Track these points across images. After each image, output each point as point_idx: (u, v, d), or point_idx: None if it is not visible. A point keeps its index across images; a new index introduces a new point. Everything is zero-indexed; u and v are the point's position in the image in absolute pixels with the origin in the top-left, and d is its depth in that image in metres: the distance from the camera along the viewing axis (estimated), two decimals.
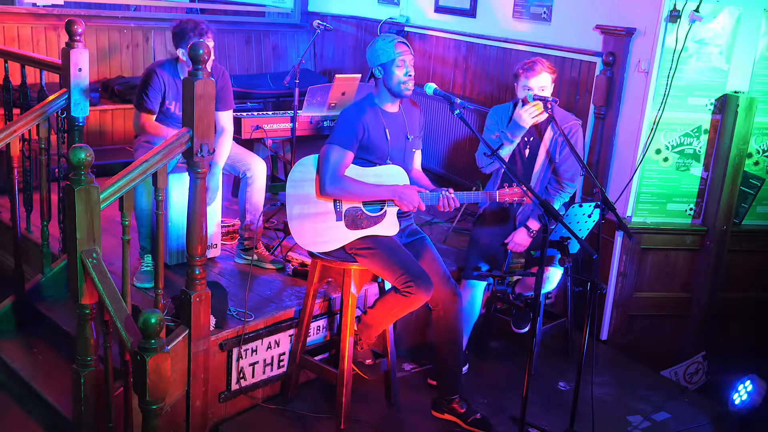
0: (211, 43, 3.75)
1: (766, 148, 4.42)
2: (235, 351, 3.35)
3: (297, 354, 3.52)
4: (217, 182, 3.84)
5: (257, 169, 3.97)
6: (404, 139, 3.44)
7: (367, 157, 3.35)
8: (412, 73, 3.32)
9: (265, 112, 5.07)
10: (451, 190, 3.31)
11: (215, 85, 2.92)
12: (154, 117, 3.82)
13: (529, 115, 3.63)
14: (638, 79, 4.25)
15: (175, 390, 2.94)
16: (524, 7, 5.08)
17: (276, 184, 5.00)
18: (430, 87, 3.36)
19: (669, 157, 4.31)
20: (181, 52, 3.74)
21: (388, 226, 3.35)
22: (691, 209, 4.41)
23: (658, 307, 4.51)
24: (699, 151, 4.32)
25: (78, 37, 3.59)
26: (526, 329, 3.92)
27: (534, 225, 3.78)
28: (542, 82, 3.69)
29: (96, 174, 2.70)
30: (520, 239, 3.79)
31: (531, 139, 3.84)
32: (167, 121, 3.88)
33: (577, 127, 3.82)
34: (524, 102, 3.73)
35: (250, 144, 4.72)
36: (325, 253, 3.36)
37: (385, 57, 3.28)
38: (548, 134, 3.80)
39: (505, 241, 3.84)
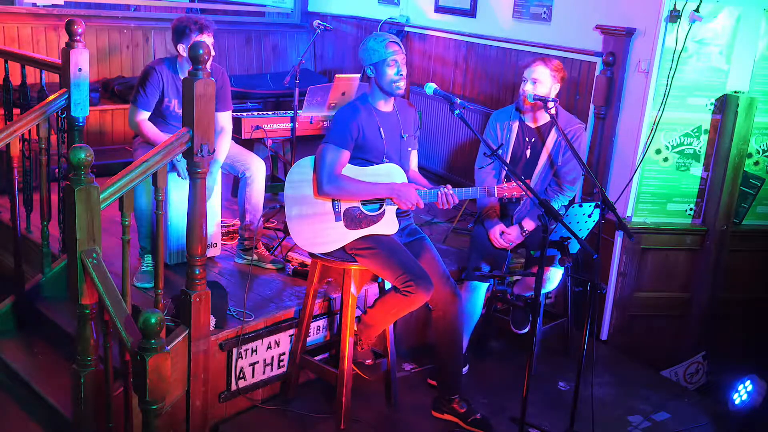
0: (210, 40, 3.75)
1: (766, 148, 4.42)
2: (234, 351, 3.35)
3: (297, 354, 3.52)
4: (214, 179, 3.84)
5: (256, 169, 3.97)
6: (399, 138, 3.44)
7: (363, 157, 3.35)
8: (404, 73, 3.31)
9: (265, 112, 5.07)
10: (449, 187, 3.31)
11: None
12: (149, 115, 3.81)
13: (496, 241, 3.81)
14: (638, 79, 4.25)
15: (175, 390, 2.94)
16: (524, 7, 5.08)
17: (276, 184, 5.00)
18: (430, 87, 3.36)
19: (669, 157, 4.31)
20: (181, 48, 3.74)
21: (388, 225, 3.35)
22: (691, 209, 4.41)
23: (658, 307, 4.51)
24: (699, 151, 4.32)
25: (78, 37, 3.59)
26: (526, 330, 3.92)
27: (528, 225, 3.78)
28: (536, 74, 3.70)
29: (96, 174, 2.69)
30: (512, 236, 3.78)
31: (533, 140, 3.83)
32: (167, 120, 3.88)
33: (581, 131, 3.81)
34: (524, 100, 3.73)
35: (250, 144, 4.72)
36: (325, 254, 3.36)
37: (376, 57, 3.28)
38: (552, 137, 3.79)
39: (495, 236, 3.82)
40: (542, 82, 3.70)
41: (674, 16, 4.02)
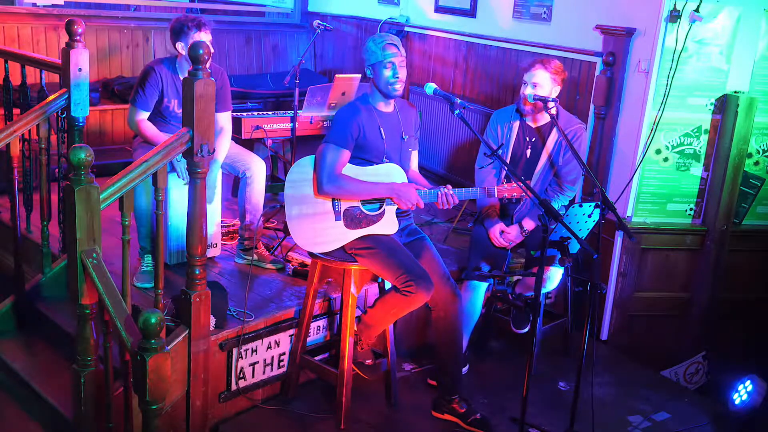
0: (208, 37, 3.75)
1: (766, 148, 4.42)
2: (235, 351, 3.35)
3: (297, 354, 3.52)
4: (214, 180, 3.84)
5: (256, 169, 3.97)
6: (399, 138, 3.44)
7: (364, 156, 3.35)
8: (401, 76, 3.30)
9: (265, 112, 5.07)
10: (449, 187, 3.31)
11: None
12: (148, 115, 3.81)
13: (496, 240, 3.81)
14: (638, 79, 4.25)
15: (175, 390, 2.94)
16: (524, 7, 5.08)
17: (276, 184, 5.00)
18: (430, 87, 3.36)
19: (669, 157, 4.31)
20: (180, 46, 3.74)
21: (387, 225, 3.35)
22: (691, 209, 4.41)
23: (658, 307, 4.51)
24: (699, 151, 4.32)
25: (78, 37, 3.59)
26: (526, 329, 3.92)
27: (528, 224, 3.78)
28: (536, 79, 3.71)
29: (96, 174, 2.69)
30: (512, 235, 3.78)
31: (533, 140, 3.84)
32: (167, 120, 3.87)
33: (582, 131, 3.82)
34: (524, 102, 3.75)
35: (250, 144, 4.72)
36: (325, 253, 3.36)
37: (374, 58, 3.29)
38: (552, 137, 3.79)
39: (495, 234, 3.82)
40: (542, 86, 3.71)
41: (674, 16, 4.02)
